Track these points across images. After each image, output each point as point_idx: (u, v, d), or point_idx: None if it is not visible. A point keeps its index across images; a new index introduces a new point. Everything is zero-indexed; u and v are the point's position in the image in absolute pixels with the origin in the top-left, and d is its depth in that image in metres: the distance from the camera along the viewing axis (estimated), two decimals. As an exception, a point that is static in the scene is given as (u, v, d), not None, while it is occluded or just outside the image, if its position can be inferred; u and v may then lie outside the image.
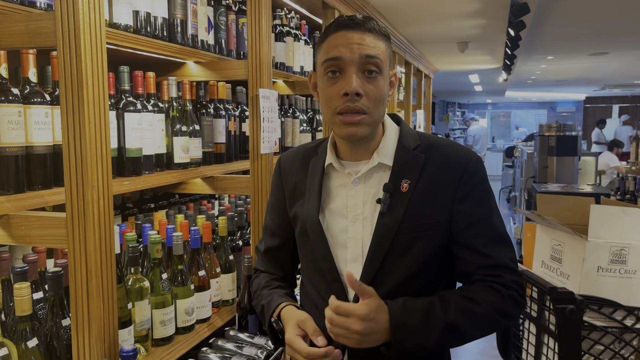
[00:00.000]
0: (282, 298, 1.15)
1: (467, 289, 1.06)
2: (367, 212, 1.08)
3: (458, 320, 1.00)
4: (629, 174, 3.87)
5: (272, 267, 1.26)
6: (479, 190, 1.07)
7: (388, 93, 1.08)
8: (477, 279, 1.06)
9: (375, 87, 1.03)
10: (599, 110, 14.37)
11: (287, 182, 1.21)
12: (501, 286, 1.04)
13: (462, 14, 3.66)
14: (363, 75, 1.02)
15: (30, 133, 1.19)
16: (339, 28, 1.04)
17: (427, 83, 6.39)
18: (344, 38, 1.02)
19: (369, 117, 1.03)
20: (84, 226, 1.10)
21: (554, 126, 4.89)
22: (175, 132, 1.60)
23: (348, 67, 1.02)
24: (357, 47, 1.01)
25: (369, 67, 1.02)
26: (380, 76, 1.03)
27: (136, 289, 1.32)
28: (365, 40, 1.02)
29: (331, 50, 1.03)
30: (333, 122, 1.06)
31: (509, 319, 1.07)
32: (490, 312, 1.02)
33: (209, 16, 1.75)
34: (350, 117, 1.02)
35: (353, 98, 1.01)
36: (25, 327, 1.10)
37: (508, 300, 1.04)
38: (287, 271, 1.26)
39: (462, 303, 1.02)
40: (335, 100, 1.03)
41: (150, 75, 1.53)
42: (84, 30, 1.07)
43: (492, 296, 1.03)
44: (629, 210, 1.28)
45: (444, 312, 1.00)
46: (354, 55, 1.01)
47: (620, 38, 5.19)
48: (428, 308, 1.00)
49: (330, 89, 1.04)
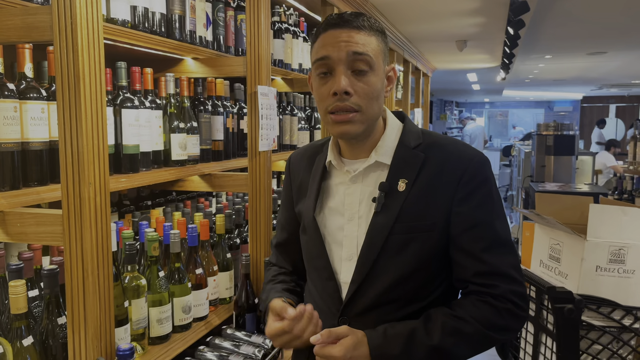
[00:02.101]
0: (276, 294, 1.14)
1: (457, 306, 1.02)
2: (363, 210, 1.07)
3: (444, 343, 0.96)
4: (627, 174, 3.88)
5: (283, 261, 1.26)
6: (480, 192, 1.03)
7: (385, 89, 1.06)
8: (472, 290, 1.03)
9: (365, 84, 1.01)
10: (596, 110, 14.40)
11: (295, 180, 1.22)
12: (495, 299, 1.00)
13: (461, 12, 3.65)
14: (353, 73, 1.01)
15: (26, 129, 1.17)
16: (327, 27, 1.03)
17: (425, 81, 6.39)
18: (332, 37, 1.01)
19: (361, 114, 1.02)
20: (80, 223, 1.09)
21: (551, 125, 4.90)
22: (173, 128, 1.59)
23: (337, 65, 1.01)
24: (344, 45, 1.00)
25: (357, 64, 1.00)
26: (372, 72, 1.02)
27: (133, 287, 1.31)
28: (353, 38, 1.00)
29: (320, 50, 1.03)
30: (326, 121, 1.06)
31: (505, 333, 1.02)
32: (482, 331, 0.98)
33: (207, 12, 1.74)
34: (341, 115, 1.01)
35: (342, 97, 1.00)
36: (21, 326, 1.09)
37: (503, 314, 0.99)
38: (298, 265, 1.24)
39: (449, 324, 0.98)
40: (327, 100, 1.02)
41: (148, 72, 1.52)
42: (81, 24, 1.06)
43: (484, 312, 0.99)
44: (628, 209, 1.28)
45: (428, 336, 0.97)
46: (341, 54, 1.00)
47: (619, 38, 5.19)
48: (410, 334, 0.97)
49: (321, 89, 1.04)
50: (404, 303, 1.04)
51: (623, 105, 14.14)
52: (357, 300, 1.05)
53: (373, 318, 1.03)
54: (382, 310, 1.04)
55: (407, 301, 1.04)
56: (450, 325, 0.98)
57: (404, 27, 4.17)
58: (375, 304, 1.04)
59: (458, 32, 4.43)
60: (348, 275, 1.06)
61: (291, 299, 1.13)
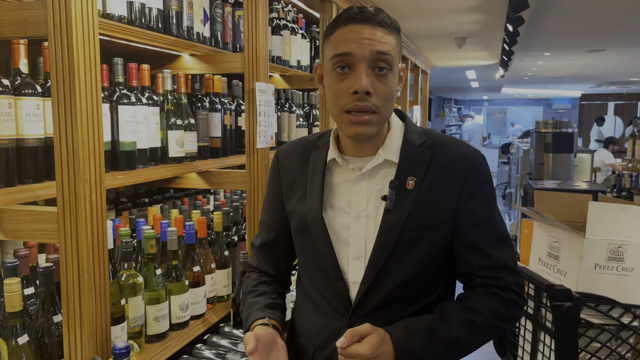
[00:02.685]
0: (258, 313, 1.09)
1: (468, 298, 1.05)
2: (371, 209, 1.06)
3: (461, 334, 1.00)
4: (625, 171, 3.87)
5: (266, 264, 1.22)
6: (483, 190, 1.06)
7: (396, 89, 1.05)
8: (478, 283, 1.05)
9: (385, 85, 0.99)
10: (595, 108, 14.40)
11: (285, 176, 1.17)
12: (502, 290, 1.04)
13: (460, 9, 3.64)
14: (373, 72, 0.98)
15: (21, 125, 1.16)
16: (349, 21, 0.99)
17: (424, 79, 6.37)
18: (355, 32, 0.98)
19: (378, 115, 1.00)
20: (75, 221, 1.08)
21: (550, 123, 4.89)
22: (170, 125, 1.58)
23: (358, 63, 0.97)
24: (368, 43, 0.97)
25: (379, 64, 0.98)
26: (391, 73, 1.00)
27: (130, 284, 1.30)
28: (376, 36, 0.97)
29: (340, 45, 0.98)
30: (341, 120, 1.02)
31: (509, 322, 1.07)
32: (492, 321, 1.02)
33: (204, 8, 1.72)
34: (359, 116, 0.99)
35: (363, 97, 0.97)
36: (16, 324, 1.08)
37: (509, 304, 1.04)
38: (281, 268, 1.23)
39: (464, 316, 1.01)
40: (344, 98, 0.99)
41: (145, 68, 1.51)
42: (76, 20, 1.05)
43: (493, 303, 1.03)
44: (627, 207, 1.27)
45: (447, 329, 1.00)
46: (365, 52, 0.97)
47: (618, 35, 5.19)
48: (430, 328, 1.00)
49: (338, 85, 1.00)
50: (412, 300, 1.05)
51: (622, 103, 14.15)
52: (368, 299, 1.04)
53: (382, 317, 1.03)
54: (391, 309, 1.04)
55: (415, 298, 1.05)
56: (466, 317, 1.01)
57: (403, 23, 4.15)
58: (385, 303, 1.04)
59: (457, 29, 4.42)
60: (356, 274, 1.05)
61: (274, 317, 1.10)
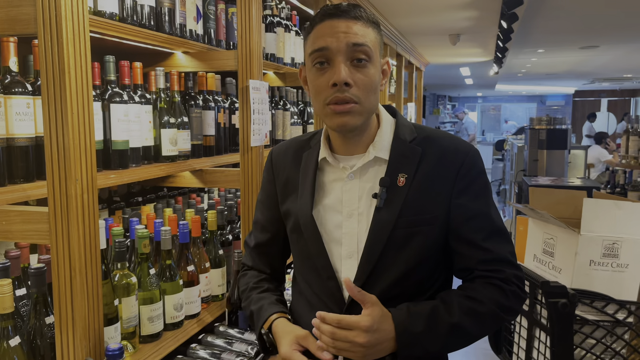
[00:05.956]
0: (272, 307, 1.11)
1: (469, 288, 1.04)
2: (363, 207, 1.06)
3: (462, 321, 0.99)
4: (619, 167, 3.89)
5: (261, 264, 1.22)
6: (477, 184, 1.06)
7: (380, 82, 1.05)
8: (478, 275, 1.04)
9: (364, 76, 1.00)
10: (588, 104, 14.48)
11: (278, 176, 1.18)
12: (502, 282, 1.03)
13: (454, 6, 3.64)
14: (352, 64, 1.00)
15: (11, 124, 1.15)
16: (324, 17, 1.01)
17: (418, 76, 6.38)
18: (330, 27, 1.00)
19: (360, 106, 1.01)
20: (67, 221, 1.07)
21: (544, 119, 4.91)
22: (163, 124, 1.57)
23: (335, 56, 0.99)
24: (343, 36, 0.98)
25: (357, 55, 0.99)
26: (370, 64, 1.01)
27: (123, 284, 1.29)
28: (352, 29, 0.99)
29: (317, 40, 1.01)
30: (324, 113, 1.03)
31: (510, 314, 1.07)
32: (494, 310, 1.01)
33: (197, 5, 1.71)
34: (341, 106, 1.00)
35: (342, 88, 0.98)
36: (7, 326, 1.07)
37: (510, 296, 1.03)
38: (276, 268, 1.23)
39: (465, 303, 1.00)
40: (325, 92, 1.01)
41: (137, 66, 1.49)
42: (66, 17, 1.03)
43: (494, 293, 1.02)
44: (622, 204, 1.27)
45: (449, 315, 0.99)
46: (341, 44, 0.98)
47: (611, 32, 5.21)
48: (431, 312, 0.99)
49: (318, 80, 1.01)
50: (407, 298, 1.04)
51: (615, 99, 14.23)
52: None
53: None
54: (386, 307, 1.03)
55: (409, 296, 1.05)
56: (467, 305, 1.00)
57: (397, 20, 4.15)
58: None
59: (451, 25, 4.42)
60: (349, 273, 1.05)
61: (286, 313, 1.11)
